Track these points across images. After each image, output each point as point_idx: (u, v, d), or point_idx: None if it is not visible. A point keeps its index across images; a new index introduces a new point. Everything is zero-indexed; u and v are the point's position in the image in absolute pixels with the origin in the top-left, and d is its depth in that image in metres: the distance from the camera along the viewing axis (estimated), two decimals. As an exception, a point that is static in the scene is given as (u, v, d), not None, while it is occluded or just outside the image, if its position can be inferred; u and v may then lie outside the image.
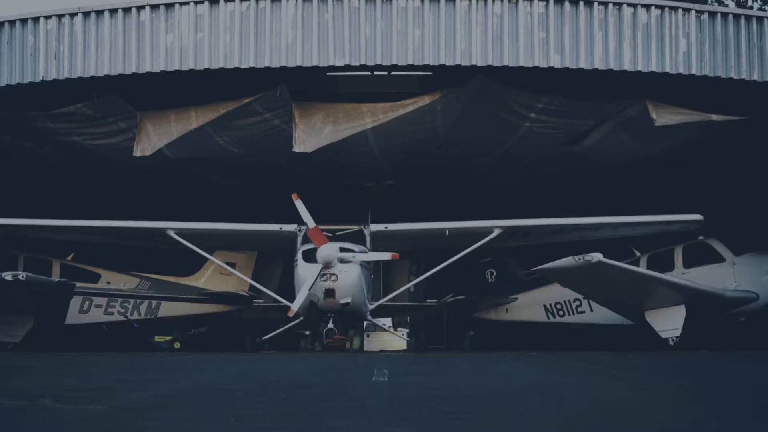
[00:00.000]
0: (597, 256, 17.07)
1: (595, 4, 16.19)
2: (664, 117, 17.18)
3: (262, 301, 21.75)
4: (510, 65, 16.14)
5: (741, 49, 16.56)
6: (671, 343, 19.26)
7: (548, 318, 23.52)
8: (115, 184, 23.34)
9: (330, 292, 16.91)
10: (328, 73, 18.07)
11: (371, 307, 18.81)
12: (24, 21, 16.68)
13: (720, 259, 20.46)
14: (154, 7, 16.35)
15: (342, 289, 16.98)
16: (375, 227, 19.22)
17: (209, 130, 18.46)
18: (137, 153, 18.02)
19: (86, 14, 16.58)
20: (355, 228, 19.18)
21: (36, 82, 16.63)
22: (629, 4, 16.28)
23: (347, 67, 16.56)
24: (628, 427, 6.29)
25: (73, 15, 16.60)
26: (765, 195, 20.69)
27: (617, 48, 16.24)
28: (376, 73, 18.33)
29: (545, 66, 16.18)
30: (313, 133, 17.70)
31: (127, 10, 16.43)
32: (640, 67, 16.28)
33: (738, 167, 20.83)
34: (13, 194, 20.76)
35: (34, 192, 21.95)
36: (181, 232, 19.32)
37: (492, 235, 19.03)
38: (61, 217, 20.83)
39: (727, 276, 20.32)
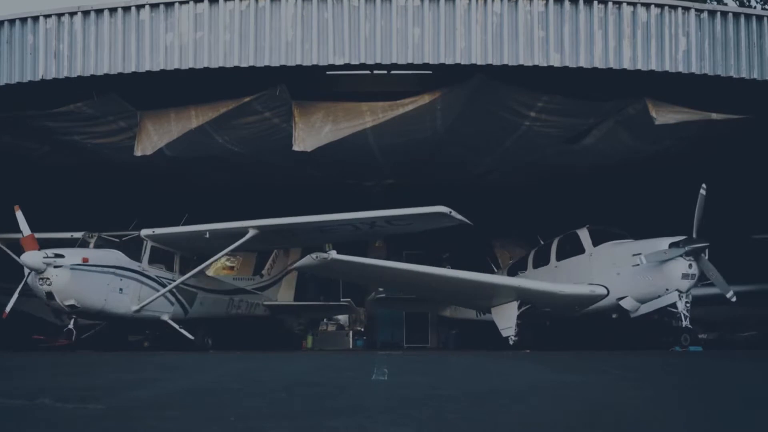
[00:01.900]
0: (332, 254, 17.26)
1: (595, 2, 16.18)
2: (663, 116, 17.18)
3: None
4: (510, 64, 16.13)
5: (741, 47, 16.55)
6: (510, 342, 19.01)
7: (476, 316, 23.51)
8: (116, 184, 23.34)
9: (49, 295, 17.50)
10: (328, 72, 18.06)
11: (135, 308, 18.59)
12: (24, 20, 16.68)
13: (581, 250, 19.86)
14: (154, 6, 16.35)
15: (60, 292, 17.37)
16: (144, 232, 19.33)
17: (209, 129, 18.47)
18: (137, 152, 18.03)
19: (86, 13, 16.57)
20: (134, 233, 19.33)
21: (36, 81, 16.61)
22: (629, 3, 16.28)
23: (347, 66, 16.55)
24: (629, 427, 6.29)
25: (72, 14, 16.59)
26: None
27: (617, 47, 16.23)
28: (375, 72, 18.32)
29: (545, 65, 16.18)
30: (312, 132, 17.70)
31: (126, 9, 16.43)
32: (639, 66, 16.27)
33: (738, 166, 20.86)
34: (13, 194, 20.73)
35: (34, 192, 21.92)
36: None
37: (247, 236, 18.70)
38: (61, 217, 20.84)
39: (584, 269, 19.70)
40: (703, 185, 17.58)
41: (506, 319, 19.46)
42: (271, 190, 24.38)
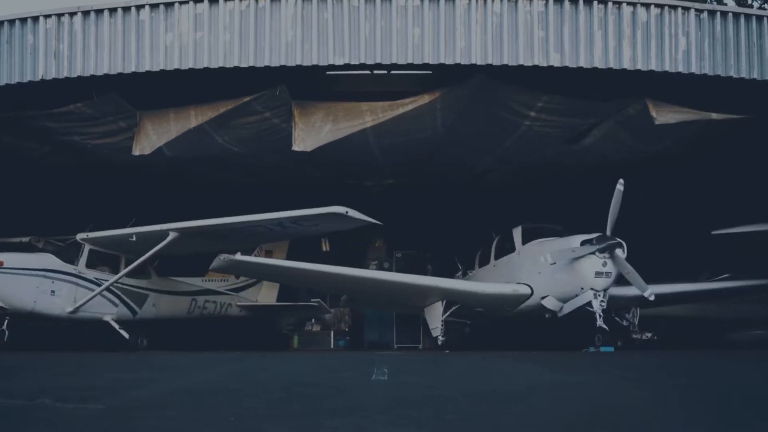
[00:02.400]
0: (237, 256, 17.52)
1: (595, 2, 16.18)
2: (663, 116, 17.18)
3: None
4: (510, 64, 16.13)
5: (741, 47, 16.54)
6: (439, 342, 18.93)
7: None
8: (115, 184, 23.34)
9: None
10: (328, 72, 18.05)
11: (69, 309, 18.66)
12: (23, 20, 16.67)
13: (513, 249, 19.67)
14: (154, 6, 16.34)
15: None
16: (80, 236, 19.40)
17: (209, 129, 18.45)
18: (136, 152, 18.02)
19: (86, 13, 16.56)
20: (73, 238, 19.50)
21: (35, 82, 16.60)
22: (629, 3, 16.28)
23: (347, 66, 16.54)
24: (629, 427, 6.29)
25: (72, 14, 16.58)
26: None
27: (617, 47, 16.22)
28: (375, 72, 18.32)
29: (545, 65, 16.17)
30: (312, 132, 17.69)
31: (126, 9, 16.41)
32: (639, 66, 16.26)
33: (738, 166, 20.85)
34: (13, 194, 20.75)
35: (33, 192, 21.94)
36: None
37: (168, 239, 18.73)
38: (61, 217, 20.86)
39: (515, 268, 19.47)
40: (621, 180, 17.11)
41: (434, 318, 19.44)
42: (271, 191, 24.36)
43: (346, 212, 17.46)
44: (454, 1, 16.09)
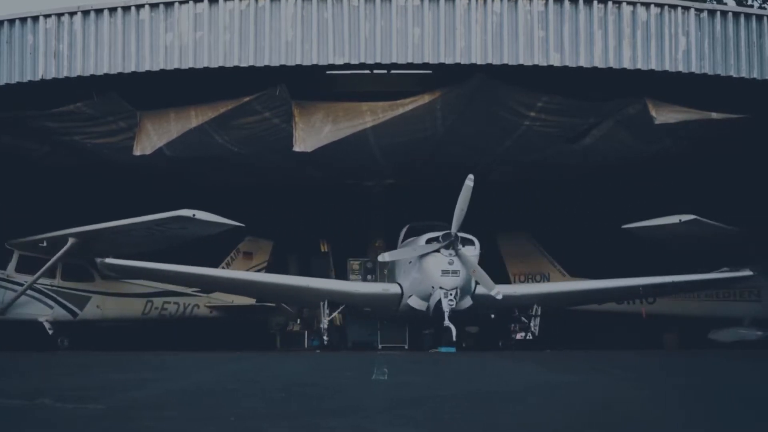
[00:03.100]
0: (107, 259, 18.22)
1: (595, 2, 16.17)
2: (663, 115, 17.16)
3: None
4: (509, 64, 16.13)
5: (741, 47, 16.55)
6: (324, 342, 19.06)
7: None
8: (115, 184, 23.32)
9: None
10: (328, 72, 18.05)
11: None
12: (23, 20, 16.67)
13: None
14: (154, 6, 16.33)
15: None
16: (8, 243, 20.08)
17: (209, 129, 18.44)
18: (137, 152, 18.01)
19: (86, 13, 16.56)
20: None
21: (36, 81, 16.62)
22: (629, 3, 16.27)
23: (347, 66, 16.55)
24: (628, 427, 6.29)
25: (72, 14, 16.59)
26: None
27: (617, 46, 16.22)
28: (375, 71, 18.31)
29: (545, 64, 16.17)
30: (313, 132, 17.68)
31: (126, 8, 16.41)
32: (639, 66, 16.26)
33: (737, 165, 20.85)
34: (14, 194, 20.75)
35: (33, 192, 21.93)
36: None
37: (68, 245, 19.08)
38: (61, 217, 20.83)
39: (394, 267, 19.32)
40: (470, 176, 16.79)
41: (321, 318, 19.50)
42: (271, 191, 24.36)
43: (194, 215, 17.67)
44: (454, 1, 16.09)
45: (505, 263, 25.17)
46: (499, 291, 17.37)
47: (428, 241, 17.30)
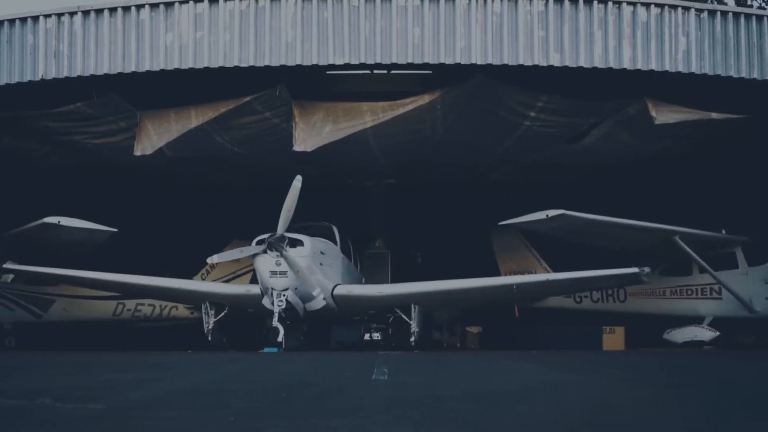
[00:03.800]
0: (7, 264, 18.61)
1: (595, 2, 16.17)
2: (663, 115, 17.17)
3: None
4: (510, 64, 16.13)
5: (741, 47, 16.54)
6: (209, 340, 19.08)
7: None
8: (115, 184, 23.31)
9: None
10: (328, 72, 18.04)
11: None
12: (23, 20, 16.67)
13: None
14: (154, 5, 16.33)
15: None
16: None
17: (209, 129, 18.44)
18: (137, 152, 18.01)
19: (86, 13, 16.56)
20: None
21: (36, 81, 16.61)
22: (629, 3, 16.27)
23: (347, 66, 16.54)
24: (628, 427, 6.29)
25: (72, 14, 16.59)
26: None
27: (617, 46, 16.22)
28: (375, 71, 18.30)
29: (545, 65, 16.16)
30: (313, 132, 17.68)
31: (126, 8, 16.41)
32: (639, 66, 16.26)
33: (737, 165, 20.85)
34: (14, 194, 20.75)
35: (34, 192, 21.93)
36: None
37: None
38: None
39: None
40: (298, 177, 16.79)
41: (206, 317, 19.53)
42: (271, 191, 24.33)
43: (59, 222, 17.81)
44: (454, 1, 16.09)
45: (497, 260, 25.31)
46: (321, 292, 17.54)
47: (258, 243, 17.30)
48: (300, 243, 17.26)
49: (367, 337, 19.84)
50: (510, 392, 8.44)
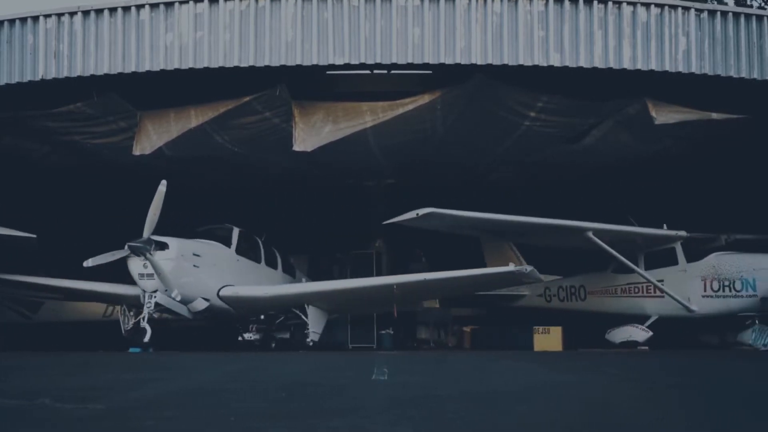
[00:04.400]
0: None
1: (595, 2, 16.18)
2: (663, 115, 17.17)
3: None
4: (510, 64, 16.13)
5: (741, 47, 16.55)
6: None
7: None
8: (115, 184, 23.32)
9: None
10: (328, 72, 18.05)
11: None
12: (23, 20, 16.67)
13: None
14: (154, 6, 16.33)
15: None
16: None
17: (209, 129, 18.45)
18: (137, 152, 18.01)
19: (86, 13, 16.56)
20: None
21: (36, 81, 16.61)
22: (629, 3, 16.28)
23: (347, 66, 16.54)
24: (628, 427, 6.29)
25: (72, 14, 16.59)
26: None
27: (617, 46, 16.23)
28: (375, 71, 18.31)
29: (545, 65, 16.17)
30: (312, 132, 17.68)
31: (126, 9, 16.42)
32: (639, 66, 16.27)
33: (737, 165, 20.85)
34: (13, 194, 20.75)
35: (34, 192, 21.94)
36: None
37: None
38: (60, 217, 20.83)
39: None
40: (163, 181, 16.81)
41: (122, 317, 19.59)
42: (271, 191, 24.37)
43: None
44: (454, 1, 16.09)
45: (485, 259, 25.41)
46: (179, 293, 17.50)
47: (128, 246, 17.48)
48: (165, 246, 17.35)
49: (248, 336, 19.89)
50: (510, 392, 8.44)
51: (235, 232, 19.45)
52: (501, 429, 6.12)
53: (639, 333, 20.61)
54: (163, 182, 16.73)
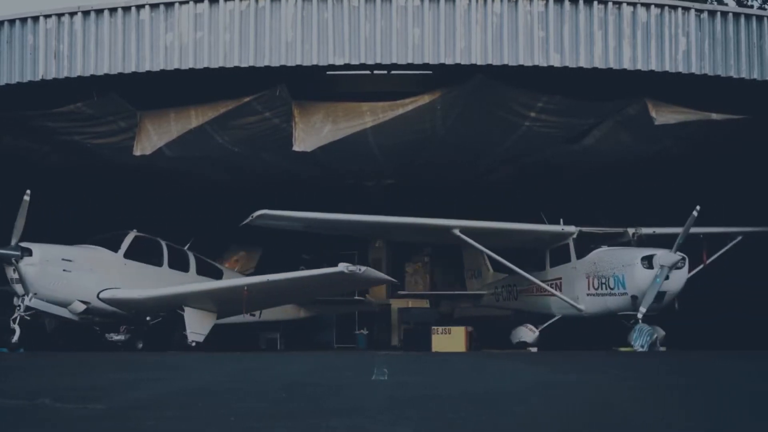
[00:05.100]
0: None
1: (595, 3, 16.18)
2: (663, 116, 17.18)
3: None
4: (510, 64, 16.13)
5: (741, 48, 16.55)
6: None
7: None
8: (116, 185, 23.33)
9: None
10: (328, 72, 18.06)
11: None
12: (24, 20, 16.67)
13: None
14: (154, 6, 16.34)
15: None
16: None
17: (209, 129, 18.45)
18: (137, 152, 18.01)
19: (86, 13, 16.56)
20: None
21: (36, 82, 16.61)
22: (629, 3, 16.28)
23: (347, 66, 16.54)
24: (628, 427, 6.29)
25: (72, 14, 16.58)
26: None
27: (617, 47, 16.23)
28: (375, 72, 18.32)
29: (545, 65, 16.17)
30: (312, 132, 17.69)
31: (126, 9, 16.42)
32: (639, 66, 16.27)
33: (737, 165, 20.85)
34: (13, 195, 20.73)
35: (34, 192, 21.90)
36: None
37: None
38: (61, 217, 20.82)
39: None
40: (27, 191, 17.20)
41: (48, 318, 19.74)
42: (271, 191, 24.37)
43: None
44: (454, 1, 16.09)
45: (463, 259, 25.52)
46: (48, 297, 17.81)
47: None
48: (29, 252, 17.62)
49: (116, 336, 20.02)
50: (510, 392, 8.44)
51: (129, 237, 19.68)
52: (501, 429, 6.12)
53: (527, 333, 20.53)
54: (28, 192, 17.18)
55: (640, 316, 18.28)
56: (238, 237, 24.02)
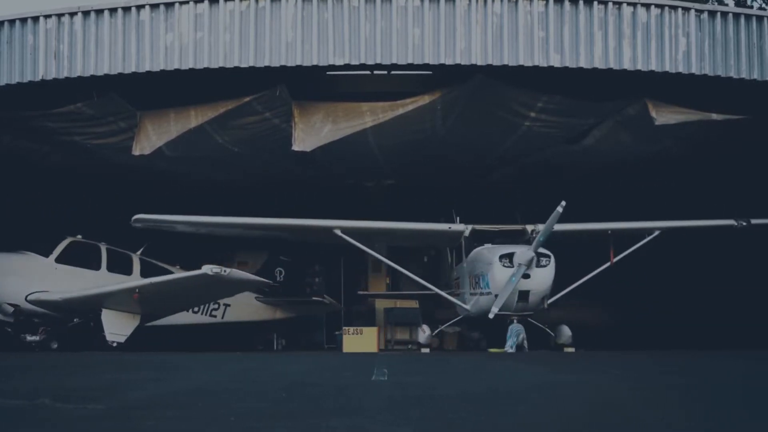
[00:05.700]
0: None
1: (595, 3, 16.19)
2: (663, 116, 17.17)
3: None
4: (510, 64, 16.13)
5: (741, 48, 16.55)
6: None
7: None
8: (116, 185, 23.33)
9: None
10: (328, 73, 18.06)
11: None
12: (24, 20, 16.67)
13: None
14: (154, 6, 16.33)
15: None
16: None
17: (209, 129, 18.44)
18: (136, 152, 18.00)
19: (86, 13, 16.56)
20: None
21: (36, 82, 16.61)
22: (629, 3, 16.29)
23: (347, 66, 16.55)
24: (628, 427, 6.30)
25: (72, 14, 16.58)
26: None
27: (617, 47, 16.23)
28: (375, 72, 18.31)
29: (545, 65, 16.17)
30: (312, 132, 17.69)
31: (126, 9, 16.42)
32: (639, 66, 16.27)
33: (737, 165, 20.85)
34: (13, 195, 20.75)
35: (34, 192, 21.93)
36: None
37: None
38: (60, 216, 20.82)
39: None
40: None
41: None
42: (270, 191, 24.38)
43: None
44: (454, 1, 16.10)
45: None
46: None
47: None
48: None
49: (30, 337, 20.22)
50: (510, 392, 8.44)
51: (62, 243, 19.99)
52: (501, 429, 6.12)
53: (421, 334, 20.54)
54: None
55: (491, 316, 17.72)
56: (240, 239, 24.00)
